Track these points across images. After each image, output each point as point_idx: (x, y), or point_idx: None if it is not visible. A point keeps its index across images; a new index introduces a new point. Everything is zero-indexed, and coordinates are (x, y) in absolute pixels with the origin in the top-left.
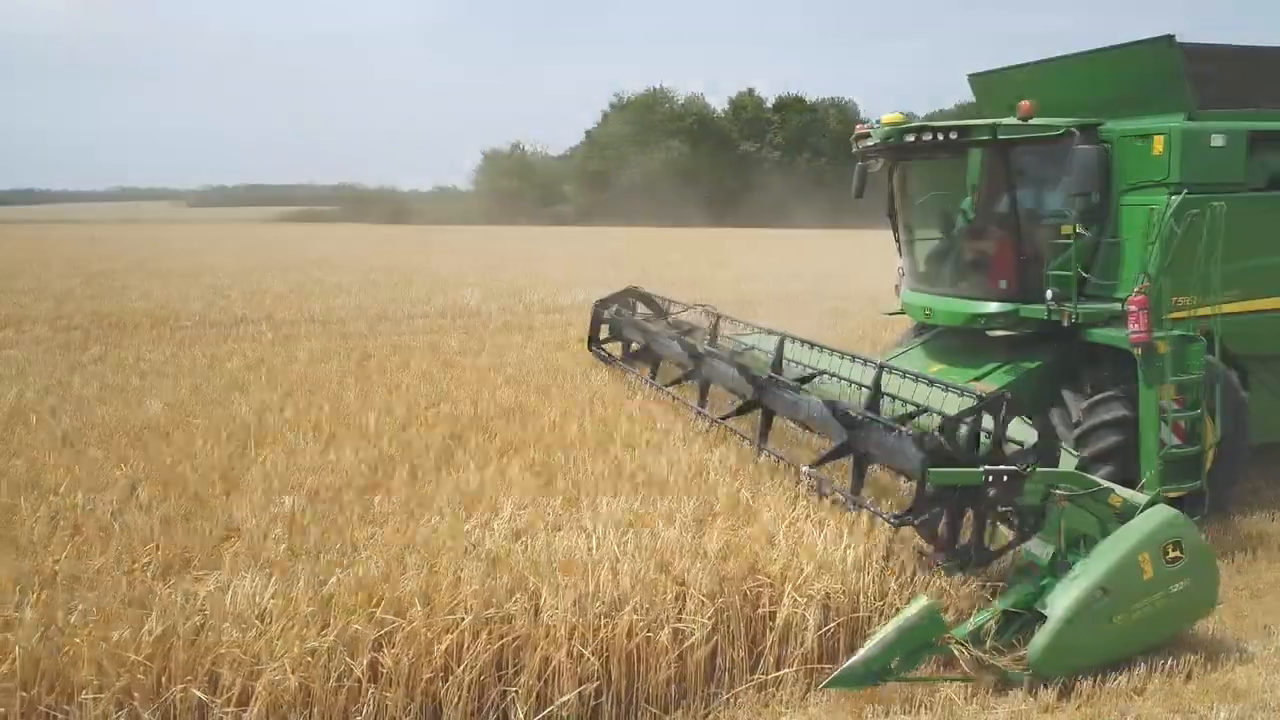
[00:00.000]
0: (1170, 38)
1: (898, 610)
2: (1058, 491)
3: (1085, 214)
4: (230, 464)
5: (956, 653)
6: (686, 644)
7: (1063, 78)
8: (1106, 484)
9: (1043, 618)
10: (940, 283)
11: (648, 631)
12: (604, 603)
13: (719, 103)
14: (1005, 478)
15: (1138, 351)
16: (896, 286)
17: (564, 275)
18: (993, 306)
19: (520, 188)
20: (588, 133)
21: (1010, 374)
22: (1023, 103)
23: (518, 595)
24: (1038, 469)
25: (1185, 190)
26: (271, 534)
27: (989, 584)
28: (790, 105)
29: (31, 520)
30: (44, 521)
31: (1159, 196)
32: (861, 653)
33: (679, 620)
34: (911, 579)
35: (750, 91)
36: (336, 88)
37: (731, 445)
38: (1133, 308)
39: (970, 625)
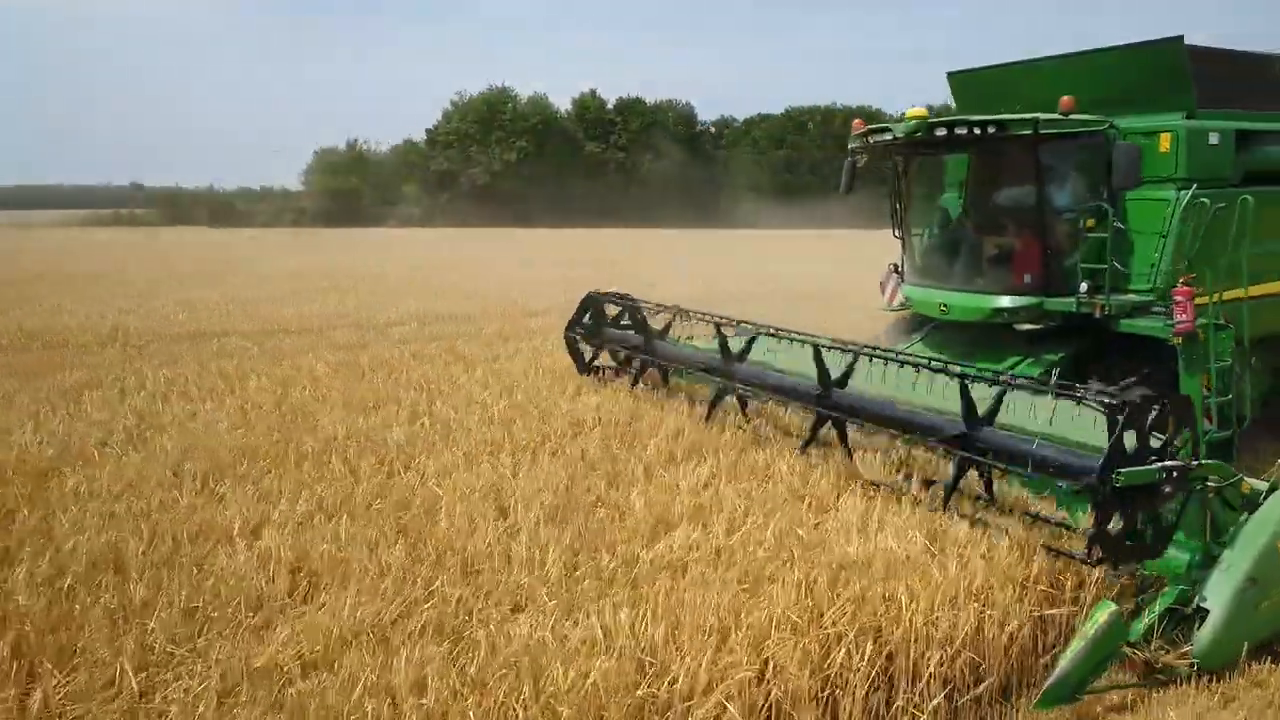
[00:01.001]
0: (1180, 39)
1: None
2: (1209, 482)
3: (1111, 208)
4: (401, 490)
5: (1132, 656)
6: (1017, 635)
7: (1052, 77)
8: (1239, 473)
9: (1201, 611)
10: (956, 278)
11: (998, 625)
12: (950, 600)
13: (562, 103)
14: (1175, 473)
15: (1178, 341)
16: (882, 284)
17: (503, 277)
18: (1016, 300)
19: (358, 187)
20: (428, 131)
21: (1036, 367)
22: (1064, 98)
23: (886, 602)
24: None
25: (1195, 185)
26: (547, 561)
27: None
28: (631, 107)
29: (251, 572)
30: (261, 572)
31: (1166, 191)
32: (1061, 668)
33: (1006, 612)
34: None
35: (592, 92)
36: (111, 77)
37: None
38: (1179, 298)
39: (1141, 627)
